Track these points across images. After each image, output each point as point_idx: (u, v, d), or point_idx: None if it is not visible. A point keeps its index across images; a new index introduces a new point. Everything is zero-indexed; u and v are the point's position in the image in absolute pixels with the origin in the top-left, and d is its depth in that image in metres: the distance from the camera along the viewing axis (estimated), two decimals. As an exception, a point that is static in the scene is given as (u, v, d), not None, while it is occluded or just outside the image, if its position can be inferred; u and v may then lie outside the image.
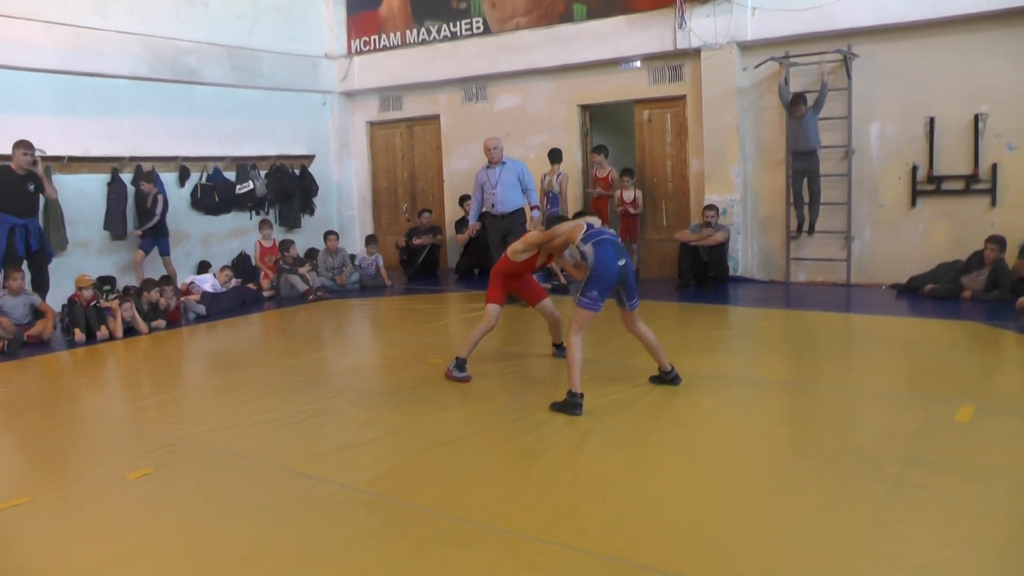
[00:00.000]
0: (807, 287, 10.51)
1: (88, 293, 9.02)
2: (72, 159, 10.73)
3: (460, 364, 6.47)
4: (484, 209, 9.85)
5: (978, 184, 9.58)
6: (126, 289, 9.81)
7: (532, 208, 9.86)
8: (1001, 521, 3.67)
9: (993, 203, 9.52)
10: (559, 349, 7.06)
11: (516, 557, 3.50)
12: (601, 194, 11.66)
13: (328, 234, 12.37)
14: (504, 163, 9.73)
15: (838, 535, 3.58)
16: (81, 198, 10.79)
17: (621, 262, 5.67)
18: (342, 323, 9.68)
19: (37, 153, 9.40)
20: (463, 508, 4.01)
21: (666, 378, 6.01)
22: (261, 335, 9.60)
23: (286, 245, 12.00)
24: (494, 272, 6.69)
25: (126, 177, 11.38)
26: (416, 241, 12.95)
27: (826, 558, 3.39)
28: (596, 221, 5.98)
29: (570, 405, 5.54)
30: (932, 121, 9.74)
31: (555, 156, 11.64)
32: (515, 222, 9.72)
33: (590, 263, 5.66)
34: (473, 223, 10.05)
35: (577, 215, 6.38)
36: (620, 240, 5.94)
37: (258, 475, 4.65)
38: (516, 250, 6.46)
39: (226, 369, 7.66)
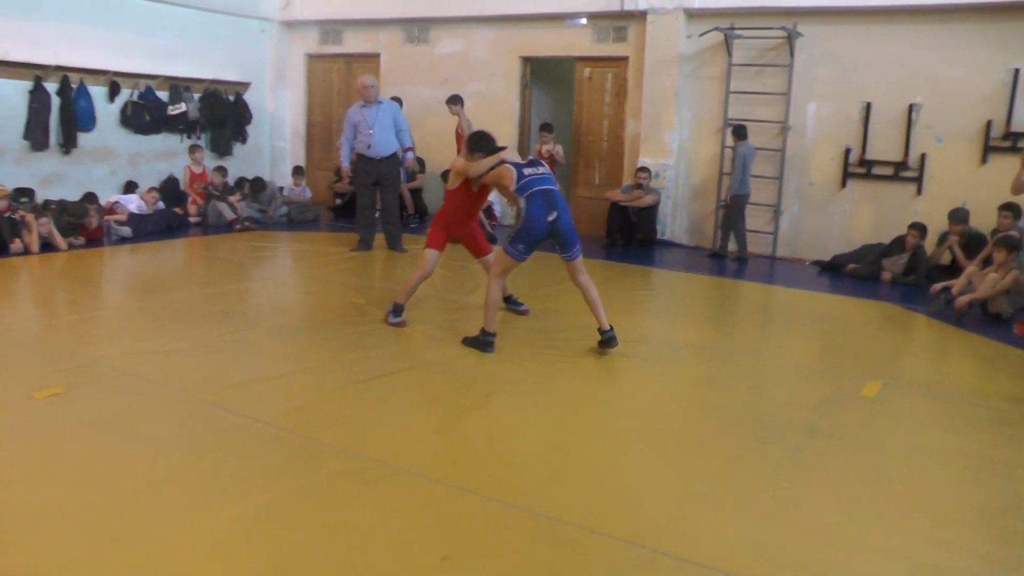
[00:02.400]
0: (732, 256, 10.69)
1: (2, 203, 8.71)
2: (-9, 61, 10.26)
3: (397, 309, 6.38)
4: (357, 150, 9.53)
5: (906, 172, 9.82)
6: (45, 203, 9.49)
7: (406, 151, 9.69)
8: (891, 491, 3.83)
9: (919, 191, 9.77)
10: (508, 301, 6.89)
11: (416, 497, 3.54)
12: (548, 159, 11.67)
13: (295, 172, 12.10)
14: (380, 103, 9.47)
15: (734, 496, 3.70)
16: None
17: (551, 216, 5.65)
18: (267, 255, 9.54)
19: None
20: (370, 447, 4.03)
21: (603, 337, 5.80)
22: (184, 261, 9.41)
23: (220, 172, 11.73)
24: (437, 217, 6.47)
25: (50, 86, 10.95)
26: (337, 187, 12.75)
27: (720, 517, 3.50)
28: (515, 156, 5.95)
29: (482, 343, 5.66)
30: (868, 106, 9.92)
31: (547, 127, 11.58)
32: (390, 167, 9.54)
33: (521, 215, 5.65)
34: (346, 164, 9.64)
35: (491, 147, 6.08)
36: (553, 187, 5.80)
37: (168, 402, 4.59)
38: (450, 181, 6.29)
39: (145, 293, 7.50)
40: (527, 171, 5.78)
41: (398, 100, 11.39)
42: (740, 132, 10.10)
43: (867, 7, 9.67)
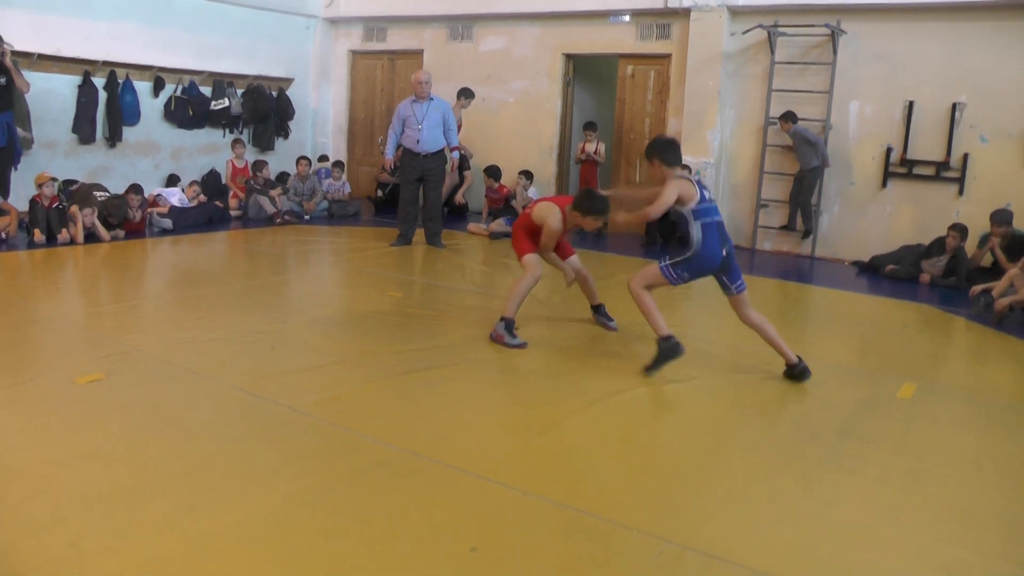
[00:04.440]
0: (771, 255, 10.63)
1: (48, 191, 8.89)
2: (42, 57, 10.47)
3: (508, 326, 5.87)
4: (404, 145, 9.58)
5: (948, 172, 9.68)
6: (89, 189, 9.63)
7: (452, 150, 9.72)
8: (925, 495, 3.79)
9: (960, 192, 9.64)
10: (598, 312, 6.52)
11: (452, 490, 3.57)
12: (588, 158, 11.68)
13: (300, 159, 12.27)
14: (432, 99, 9.50)
15: (768, 496, 3.69)
16: (50, 98, 10.57)
17: (725, 251, 5.25)
18: (306, 249, 9.64)
19: (6, 46, 9.16)
20: (407, 440, 4.07)
21: (793, 372, 5.35)
22: (224, 253, 9.55)
23: (259, 166, 11.87)
24: (516, 226, 6.21)
25: (98, 81, 11.17)
26: (382, 177, 12.85)
27: (753, 516, 3.49)
28: (694, 181, 5.27)
29: (665, 352, 5.27)
30: (911, 105, 9.80)
31: (591, 126, 11.71)
32: (436, 163, 9.57)
33: (693, 244, 5.18)
34: (390, 157, 9.80)
35: (668, 159, 5.24)
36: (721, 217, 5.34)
37: (206, 390, 4.67)
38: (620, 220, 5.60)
39: (185, 284, 7.62)
40: (707, 194, 5.29)
41: (469, 92, 11.50)
42: (791, 117, 10.11)
43: (912, 4, 9.56)
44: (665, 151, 5.23)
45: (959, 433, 4.64)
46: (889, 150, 10.00)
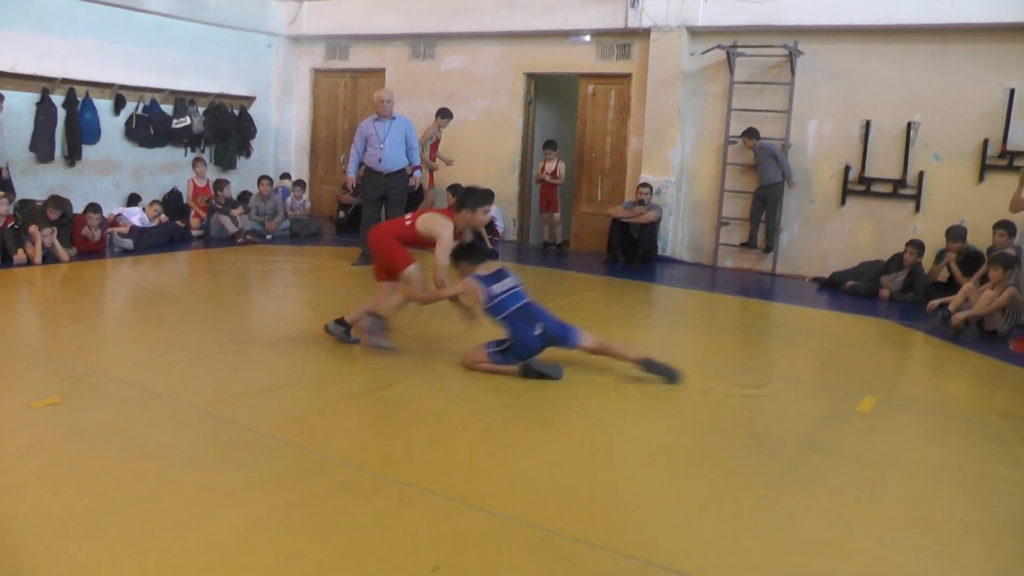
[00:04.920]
0: (732, 273, 10.73)
1: (2, 209, 8.73)
2: (-1, 74, 10.35)
3: (382, 325, 5.98)
4: (366, 164, 9.56)
5: (905, 190, 9.87)
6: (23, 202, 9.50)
7: (413, 169, 9.72)
8: (887, 506, 3.84)
9: (917, 209, 9.82)
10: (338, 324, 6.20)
11: (413, 509, 3.55)
12: (549, 182, 11.72)
13: (261, 178, 12.22)
14: (394, 118, 9.48)
15: (729, 510, 3.71)
16: (6, 115, 10.41)
17: (538, 330, 5.44)
18: (268, 268, 9.58)
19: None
20: (367, 460, 4.05)
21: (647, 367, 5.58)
22: (186, 273, 9.46)
23: (220, 185, 11.78)
24: (392, 237, 5.98)
25: (57, 99, 11.04)
26: (343, 198, 12.82)
27: (715, 531, 3.51)
28: (486, 271, 5.65)
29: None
30: (868, 124, 9.98)
31: (551, 145, 11.79)
32: (398, 182, 9.57)
33: (507, 335, 5.46)
34: (352, 176, 9.83)
35: (466, 253, 5.78)
36: (527, 299, 5.60)
37: (167, 412, 4.61)
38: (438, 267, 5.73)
39: (146, 304, 7.54)
40: (496, 288, 5.54)
41: (447, 112, 11.67)
42: (754, 133, 10.24)
43: (867, 26, 9.74)
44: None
45: (919, 444, 4.71)
46: (848, 168, 10.16)
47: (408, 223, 5.94)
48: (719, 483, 4.01)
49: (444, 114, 11.73)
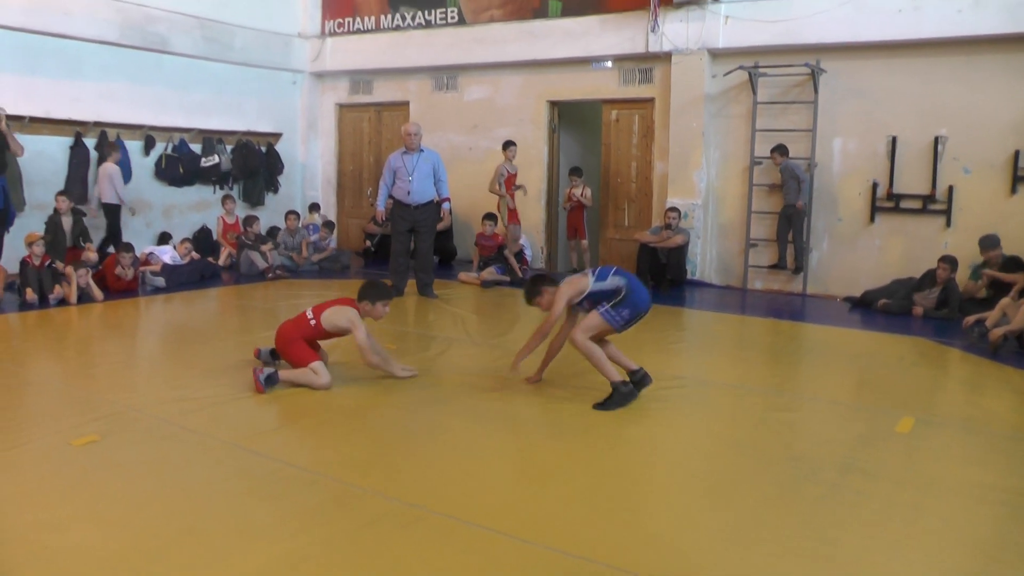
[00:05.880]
0: (762, 294, 10.66)
1: (38, 250, 8.88)
2: (33, 120, 10.57)
3: (272, 378, 5.78)
4: (395, 196, 9.62)
5: (935, 205, 9.79)
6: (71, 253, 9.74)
7: (443, 201, 9.75)
8: (931, 528, 3.78)
9: (948, 224, 9.73)
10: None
11: (453, 541, 3.54)
12: (582, 201, 11.75)
13: (289, 213, 12.36)
14: (422, 151, 9.54)
15: (769, 535, 3.67)
16: (41, 160, 10.63)
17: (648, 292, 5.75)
18: (298, 303, 9.59)
19: (0, 110, 9.25)
20: (405, 492, 4.04)
21: (635, 379, 5.67)
22: (217, 310, 9.54)
23: (250, 221, 11.93)
24: (295, 338, 5.99)
25: (89, 142, 11.25)
26: (369, 228, 12.90)
27: (755, 556, 3.46)
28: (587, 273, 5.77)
29: (620, 397, 5.47)
30: (894, 140, 9.93)
31: (577, 171, 11.87)
32: (427, 214, 9.60)
33: (624, 290, 5.52)
34: (381, 208, 9.84)
35: (537, 281, 5.87)
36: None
37: (203, 448, 4.64)
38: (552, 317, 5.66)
39: (179, 342, 7.61)
40: (599, 275, 5.68)
41: (511, 142, 11.62)
42: (783, 150, 10.20)
43: (889, 41, 9.73)
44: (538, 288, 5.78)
45: (961, 465, 4.63)
46: (875, 185, 10.10)
47: (312, 322, 6.01)
48: (758, 507, 3.96)
49: (508, 145, 11.62)
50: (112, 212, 11.13)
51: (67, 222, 10.18)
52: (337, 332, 6.02)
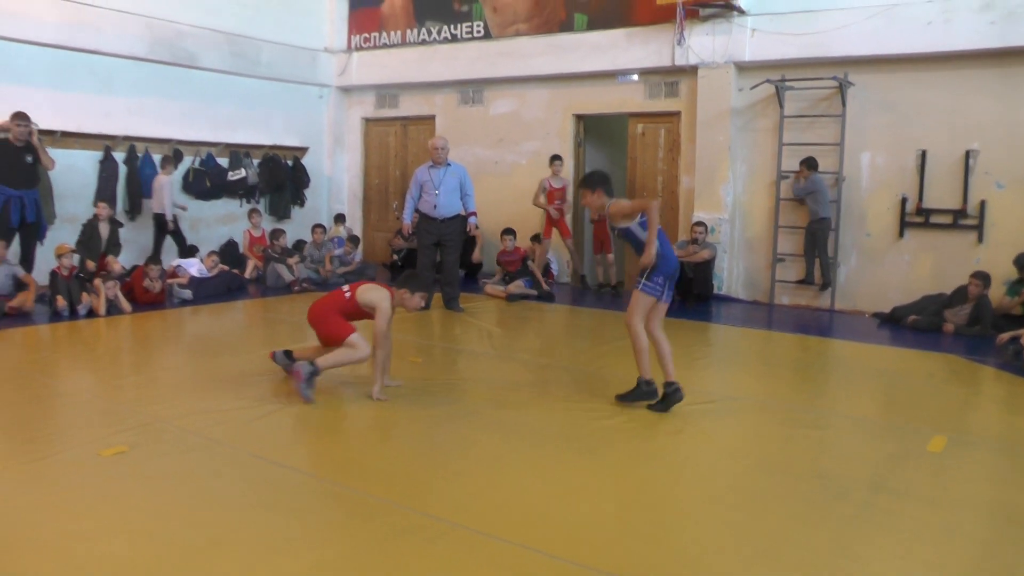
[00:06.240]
0: (790, 310, 10.58)
1: (67, 261, 8.99)
2: (65, 134, 10.72)
3: (314, 374, 5.80)
4: (421, 210, 9.64)
5: (966, 219, 9.67)
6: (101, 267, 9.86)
7: (469, 215, 9.76)
8: (964, 550, 3.71)
9: (980, 239, 9.60)
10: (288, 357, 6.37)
11: (479, 555, 3.52)
12: (601, 219, 11.73)
13: (315, 227, 12.43)
14: (448, 165, 9.57)
15: (799, 553, 3.61)
16: (72, 173, 10.76)
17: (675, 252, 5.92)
18: (325, 316, 9.64)
19: (32, 125, 9.39)
20: (430, 505, 4.03)
21: (668, 390, 5.70)
22: (244, 322, 9.58)
23: (276, 234, 12.01)
24: (329, 310, 6.04)
25: (119, 155, 11.38)
26: (395, 243, 12.93)
27: (784, 575, 3.41)
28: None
29: (642, 394, 5.76)
30: (924, 154, 9.83)
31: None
32: (453, 228, 9.62)
33: (654, 250, 5.67)
34: (407, 222, 9.83)
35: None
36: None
37: (229, 460, 4.65)
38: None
39: (206, 354, 7.64)
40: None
41: (557, 156, 11.72)
42: (813, 163, 10.09)
43: (918, 54, 9.65)
44: (607, 183, 6.03)
45: (995, 486, 4.55)
46: (904, 200, 10.00)
47: (348, 294, 6.03)
48: (787, 525, 3.91)
49: (555, 159, 11.70)
50: (160, 222, 11.47)
51: (104, 228, 10.36)
52: (368, 310, 5.97)
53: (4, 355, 7.27)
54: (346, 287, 6.16)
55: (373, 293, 6.00)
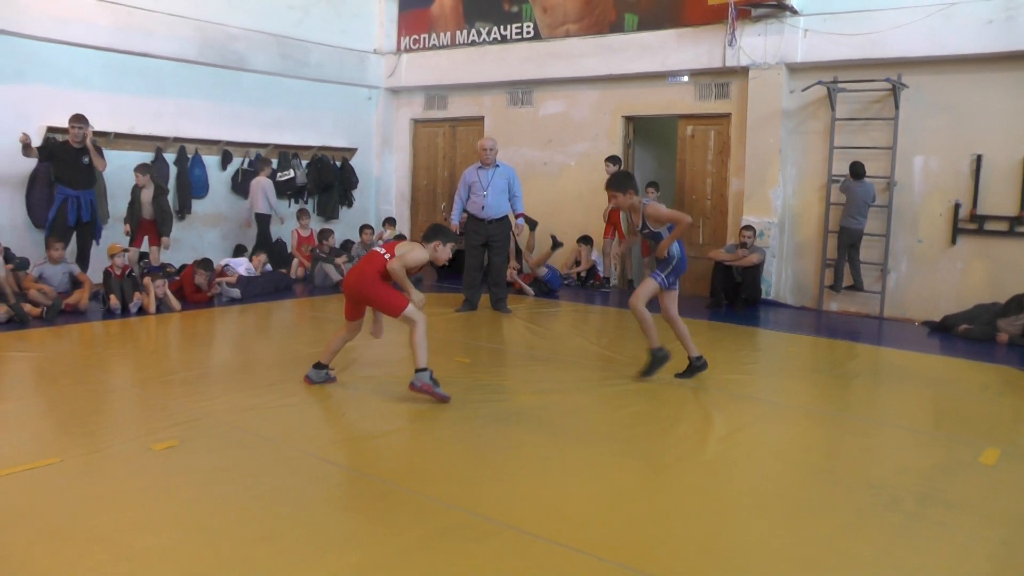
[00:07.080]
0: (839, 316, 10.44)
1: (119, 260, 9.19)
2: (118, 135, 10.92)
3: (430, 376, 5.81)
4: (469, 211, 9.67)
5: (1022, 227, 9.44)
6: (161, 267, 10.03)
7: (517, 216, 9.75)
8: (1018, 567, 3.63)
9: (1037, 247, 9.38)
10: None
11: (526, 556, 3.52)
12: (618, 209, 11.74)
13: (364, 227, 12.55)
14: (497, 166, 9.59)
15: (847, 563, 3.57)
16: (124, 173, 10.91)
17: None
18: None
19: (88, 127, 9.58)
20: (478, 504, 4.04)
21: (695, 363, 6.55)
22: (292, 321, 9.69)
23: (325, 234, 12.15)
24: (374, 274, 5.94)
25: (169, 156, 11.57)
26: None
27: (836, 585, 3.38)
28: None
29: (657, 360, 6.58)
30: (979, 158, 9.62)
31: (654, 186, 11.83)
32: (501, 229, 9.63)
33: (675, 255, 6.41)
34: (455, 223, 9.83)
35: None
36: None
37: (278, 456, 4.70)
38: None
39: (254, 351, 7.75)
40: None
41: (615, 158, 11.77)
42: (859, 170, 9.98)
43: (974, 55, 9.43)
44: (634, 182, 6.56)
45: (1049, 499, 4.45)
46: (958, 205, 9.81)
47: (387, 255, 5.96)
48: (836, 535, 3.86)
49: (613, 160, 11.66)
50: (263, 221, 11.95)
51: (147, 194, 10.50)
52: (410, 266, 5.96)
53: (62, 351, 7.45)
54: (381, 248, 6.17)
55: (407, 246, 6.12)
